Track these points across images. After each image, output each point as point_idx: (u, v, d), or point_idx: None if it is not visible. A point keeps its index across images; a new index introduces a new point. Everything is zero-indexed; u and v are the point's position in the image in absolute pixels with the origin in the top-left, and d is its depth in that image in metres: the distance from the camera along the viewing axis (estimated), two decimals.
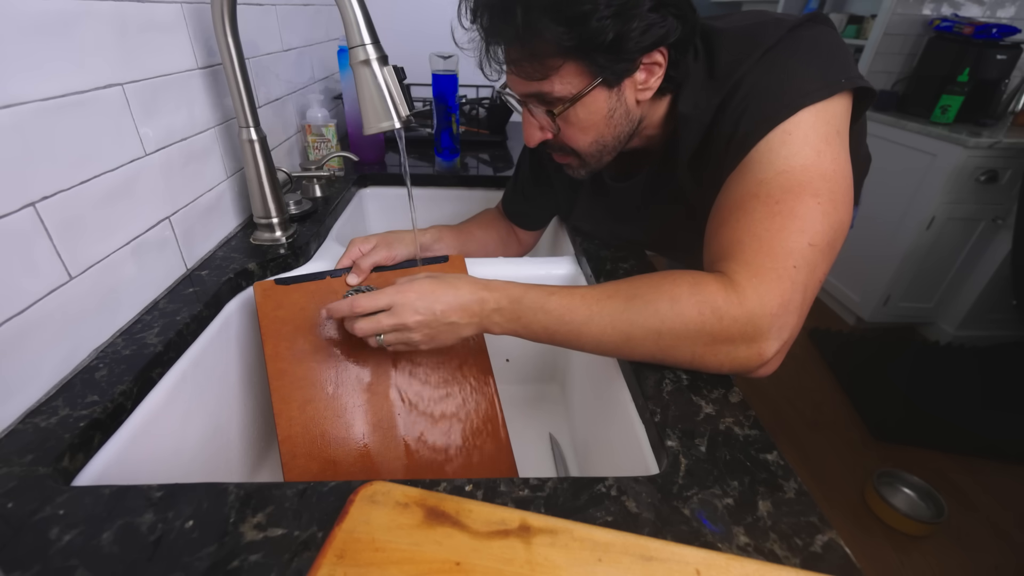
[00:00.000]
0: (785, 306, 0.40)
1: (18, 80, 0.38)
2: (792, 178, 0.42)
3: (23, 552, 0.29)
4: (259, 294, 0.57)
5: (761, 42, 0.47)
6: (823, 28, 0.49)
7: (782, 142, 0.44)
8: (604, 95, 0.49)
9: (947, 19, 1.90)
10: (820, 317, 2.15)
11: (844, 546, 0.31)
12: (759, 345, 0.41)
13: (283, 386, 0.54)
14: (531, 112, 0.53)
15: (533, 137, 0.55)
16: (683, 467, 0.37)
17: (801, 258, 0.41)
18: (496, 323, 0.47)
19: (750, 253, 0.42)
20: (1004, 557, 1.22)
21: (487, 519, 0.31)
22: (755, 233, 0.42)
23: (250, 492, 0.34)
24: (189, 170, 0.60)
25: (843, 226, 0.43)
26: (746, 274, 0.41)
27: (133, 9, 0.50)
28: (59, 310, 0.42)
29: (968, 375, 1.74)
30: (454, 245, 0.75)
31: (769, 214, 0.42)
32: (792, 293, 0.41)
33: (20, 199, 0.39)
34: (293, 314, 0.57)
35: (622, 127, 0.53)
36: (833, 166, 0.43)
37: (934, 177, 1.73)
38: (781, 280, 0.40)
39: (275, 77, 0.85)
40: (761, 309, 0.40)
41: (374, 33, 0.45)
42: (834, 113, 0.45)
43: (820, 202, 0.42)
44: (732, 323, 0.41)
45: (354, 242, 0.64)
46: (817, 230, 0.41)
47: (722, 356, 0.42)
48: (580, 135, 0.53)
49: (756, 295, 0.40)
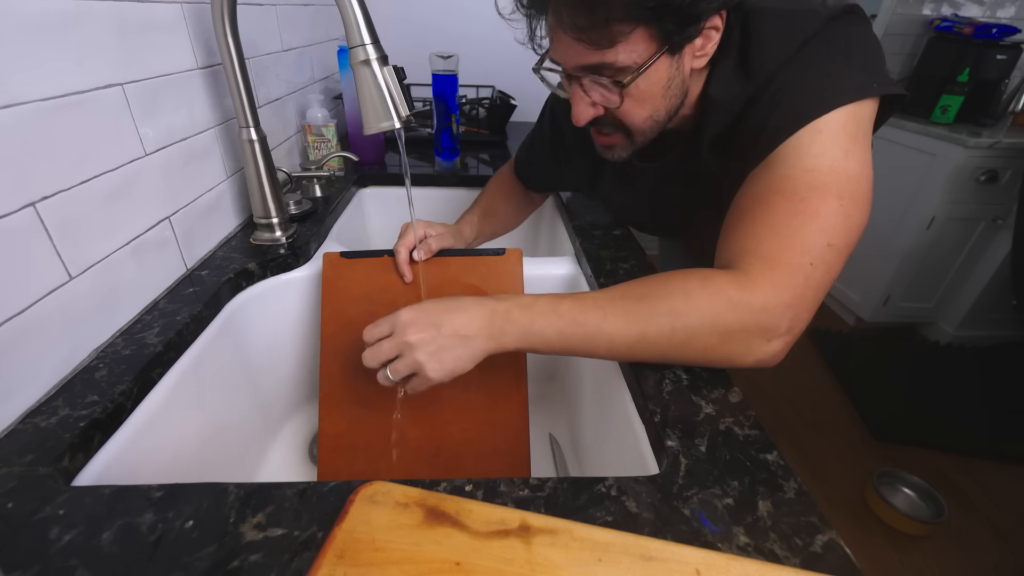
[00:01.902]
0: (798, 300, 0.40)
1: (18, 80, 0.38)
2: (819, 177, 0.42)
3: (23, 552, 0.29)
4: (326, 263, 0.62)
5: (800, 31, 0.46)
6: (861, 23, 0.48)
7: (811, 140, 0.43)
8: (666, 63, 0.47)
9: (947, 19, 1.90)
10: (820, 317, 2.15)
11: (844, 546, 0.31)
12: (771, 338, 0.41)
13: (331, 348, 0.60)
14: (583, 88, 0.49)
15: (584, 114, 0.50)
16: (683, 467, 0.37)
17: (819, 257, 0.41)
18: (508, 333, 0.44)
19: (767, 247, 0.42)
20: (1003, 557, 1.22)
21: (487, 519, 0.31)
22: (776, 229, 0.42)
23: (250, 492, 0.34)
24: (189, 170, 0.60)
25: (861, 229, 0.43)
26: (761, 267, 0.41)
27: (133, 9, 0.50)
28: (59, 310, 0.42)
29: (968, 375, 1.74)
30: (487, 233, 0.76)
31: (792, 211, 0.42)
32: (805, 289, 0.41)
33: (20, 199, 0.39)
34: (350, 285, 0.61)
35: (675, 99, 0.51)
36: (859, 168, 0.43)
37: (934, 177, 1.74)
38: (795, 275, 0.40)
39: (275, 77, 0.85)
40: (775, 300, 0.40)
41: (374, 33, 0.45)
42: (863, 115, 0.44)
43: (843, 204, 0.41)
44: (745, 313, 0.40)
45: (414, 225, 0.62)
46: (838, 231, 0.41)
47: (734, 349, 0.42)
48: (637, 109, 0.50)
49: (771, 286, 0.40)
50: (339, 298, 0.61)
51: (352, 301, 0.61)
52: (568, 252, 0.77)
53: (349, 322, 0.60)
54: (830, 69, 0.45)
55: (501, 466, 0.57)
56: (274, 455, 0.69)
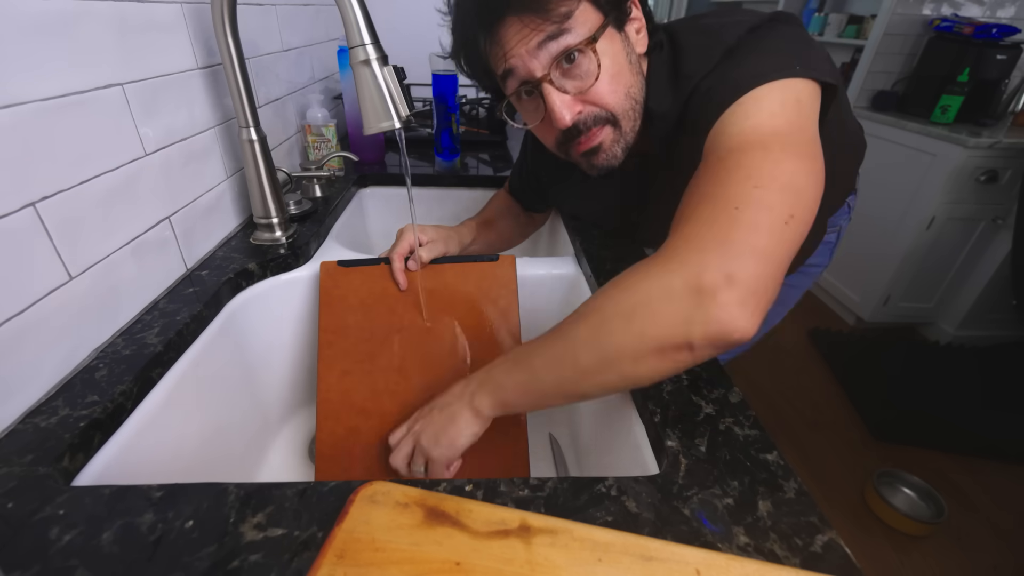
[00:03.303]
0: (729, 243, 0.35)
1: (18, 80, 0.38)
2: (741, 138, 0.41)
3: (23, 552, 0.29)
4: (323, 272, 0.63)
5: (723, 40, 0.48)
6: (784, 26, 0.48)
7: (732, 113, 0.43)
8: (618, 38, 0.50)
9: (947, 19, 1.90)
10: (820, 317, 2.15)
11: (844, 546, 0.31)
12: (714, 293, 0.34)
13: (328, 355, 0.60)
14: (555, 85, 0.49)
15: (566, 115, 0.49)
16: (683, 467, 0.37)
17: (744, 199, 0.36)
18: (479, 394, 0.46)
19: (687, 211, 0.39)
20: (1004, 557, 1.22)
21: (487, 519, 0.31)
22: (695, 192, 0.40)
23: (250, 492, 0.34)
24: (189, 170, 0.60)
25: (803, 173, 0.38)
26: (677, 230, 0.38)
27: (133, 9, 0.50)
28: (59, 310, 0.42)
29: (968, 375, 1.74)
30: (486, 242, 0.77)
31: (711, 174, 0.40)
32: (733, 231, 0.35)
33: (20, 199, 0.39)
34: (347, 293, 0.62)
35: (639, 78, 0.53)
36: (788, 126, 0.41)
37: (934, 177, 1.73)
38: (716, 220, 0.36)
39: (275, 77, 0.85)
40: (690, 249, 0.36)
41: (374, 33, 0.45)
42: (794, 88, 0.43)
43: (768, 153, 0.38)
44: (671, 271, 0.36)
45: (407, 230, 0.62)
46: (764, 173, 0.37)
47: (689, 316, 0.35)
48: (614, 84, 0.50)
49: (683, 240, 0.37)
50: (336, 306, 0.62)
51: (349, 309, 0.62)
52: (568, 252, 0.77)
53: (346, 330, 0.61)
54: (745, 62, 0.46)
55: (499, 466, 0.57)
56: (274, 455, 0.69)
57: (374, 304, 0.62)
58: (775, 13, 0.51)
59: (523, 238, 0.85)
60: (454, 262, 0.63)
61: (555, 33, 0.46)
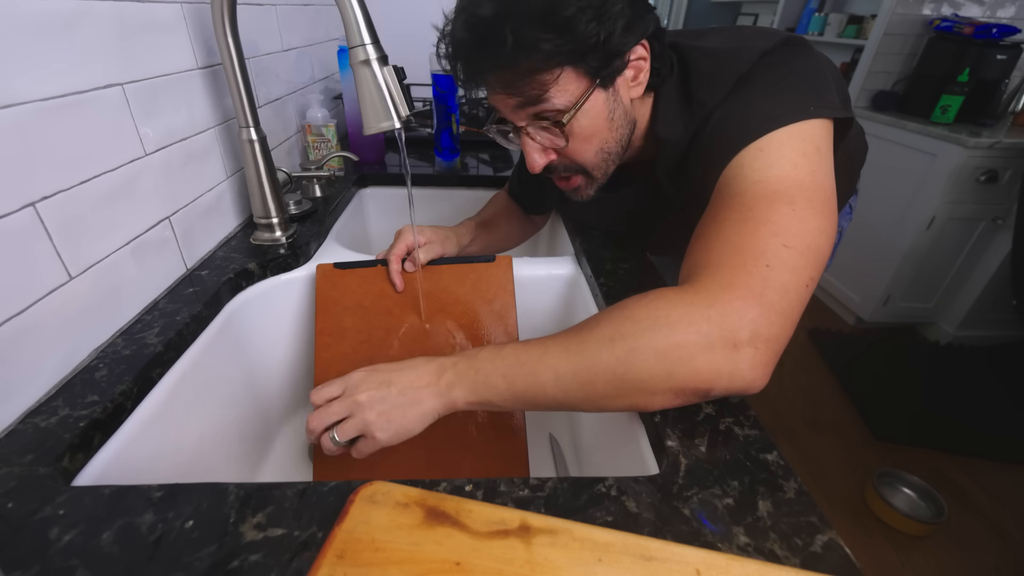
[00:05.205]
0: (756, 302, 0.36)
1: (18, 80, 0.38)
2: (767, 187, 0.41)
3: (23, 552, 0.29)
4: (319, 275, 0.63)
5: (735, 68, 0.48)
6: (797, 53, 0.49)
7: (754, 157, 0.43)
8: (602, 97, 0.49)
9: (947, 19, 1.90)
10: (820, 317, 2.15)
11: (844, 546, 0.31)
12: (734, 346, 0.36)
13: (325, 358, 0.60)
14: (531, 136, 0.52)
15: (537, 162, 0.53)
16: (683, 467, 0.37)
17: (775, 258, 0.38)
18: (456, 386, 0.42)
19: (717, 255, 0.40)
20: (1004, 557, 1.22)
21: (487, 519, 0.31)
22: (725, 238, 0.41)
23: (250, 492, 0.34)
24: (189, 170, 0.60)
25: (824, 232, 0.41)
26: (711, 272, 0.39)
27: (133, 9, 0.50)
28: (59, 310, 0.42)
29: (968, 375, 1.74)
30: (485, 243, 0.76)
31: (741, 220, 0.41)
32: (764, 290, 0.37)
33: (20, 199, 0.39)
34: (344, 295, 0.62)
35: (623, 129, 0.53)
36: (811, 178, 0.42)
37: (934, 177, 1.73)
38: (749, 276, 0.37)
39: (275, 77, 0.85)
40: (726, 302, 0.37)
41: (374, 33, 0.45)
42: (811, 132, 0.44)
43: (795, 209, 0.40)
44: (695, 319, 0.36)
45: (406, 231, 0.62)
46: (792, 233, 0.39)
47: (697, 365, 0.37)
48: (585, 145, 0.52)
49: (719, 288, 0.37)
50: (333, 309, 0.61)
51: (346, 311, 0.61)
52: (568, 252, 0.77)
53: (343, 332, 0.61)
54: (761, 100, 0.46)
55: (499, 466, 0.57)
56: (274, 455, 0.69)
57: (371, 306, 0.62)
58: (787, 38, 0.51)
59: (523, 240, 0.85)
60: (451, 263, 0.63)
61: (533, 100, 0.48)
